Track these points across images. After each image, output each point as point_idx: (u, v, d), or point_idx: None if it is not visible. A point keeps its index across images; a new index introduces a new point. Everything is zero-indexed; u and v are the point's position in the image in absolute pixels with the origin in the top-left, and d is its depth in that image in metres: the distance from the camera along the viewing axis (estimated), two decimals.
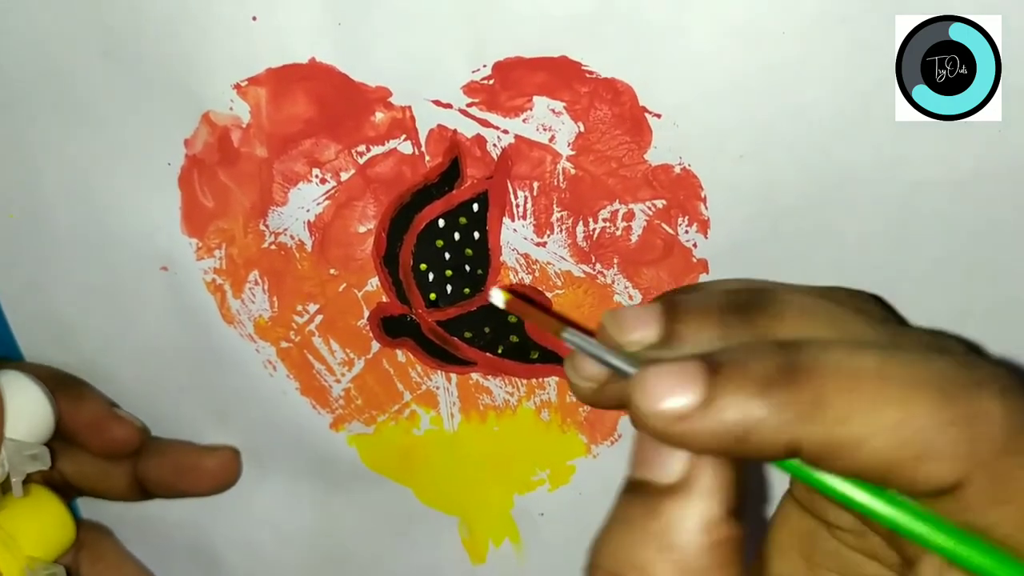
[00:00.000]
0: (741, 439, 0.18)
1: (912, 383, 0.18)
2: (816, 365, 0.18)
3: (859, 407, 0.18)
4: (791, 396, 0.18)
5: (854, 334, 0.20)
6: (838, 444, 0.18)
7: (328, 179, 0.29)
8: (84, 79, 0.30)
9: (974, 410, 0.18)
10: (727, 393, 0.18)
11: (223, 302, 0.32)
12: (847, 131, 0.26)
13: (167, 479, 0.34)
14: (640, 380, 0.19)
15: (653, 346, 0.21)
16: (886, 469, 0.18)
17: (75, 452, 0.34)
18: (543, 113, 0.27)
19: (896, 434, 0.18)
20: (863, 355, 0.18)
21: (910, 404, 0.18)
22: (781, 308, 0.20)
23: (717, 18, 0.25)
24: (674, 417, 0.18)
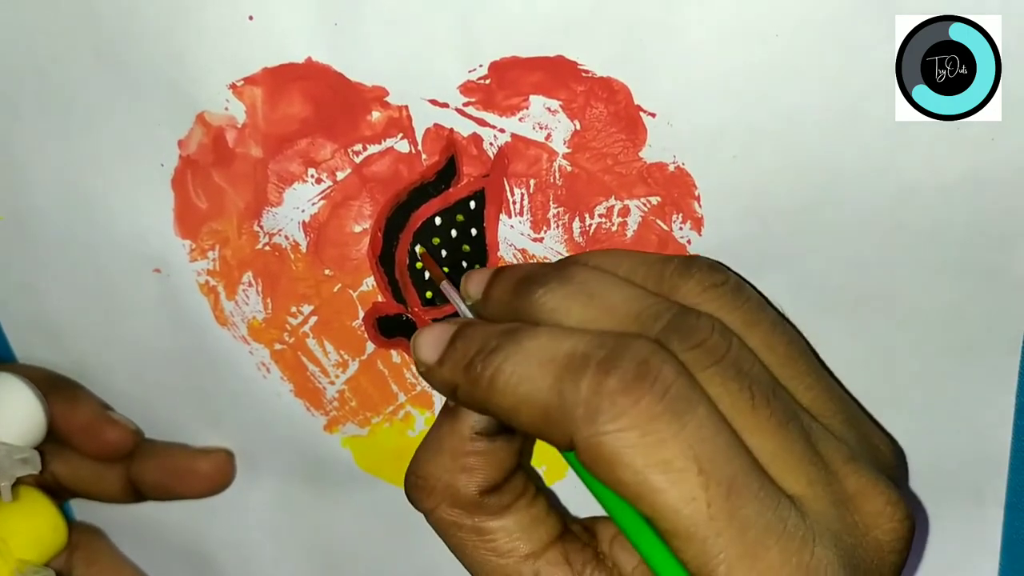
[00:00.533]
0: (452, 394, 0.25)
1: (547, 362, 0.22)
2: (502, 348, 0.23)
3: (512, 384, 0.23)
4: (478, 375, 0.23)
5: (596, 312, 0.24)
6: (503, 411, 0.23)
7: (324, 179, 0.29)
8: (76, 79, 0.29)
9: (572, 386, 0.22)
10: (447, 360, 0.25)
11: (216, 304, 0.32)
12: (846, 131, 0.26)
13: (161, 481, 0.34)
14: (414, 335, 0.26)
15: (477, 302, 0.27)
16: (534, 430, 0.23)
17: (68, 454, 0.34)
18: (539, 112, 0.27)
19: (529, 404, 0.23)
20: (537, 338, 0.23)
21: (536, 382, 0.22)
22: (556, 284, 0.25)
23: (712, 18, 0.25)
24: (423, 366, 0.25)
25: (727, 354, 0.23)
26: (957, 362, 0.29)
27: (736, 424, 0.22)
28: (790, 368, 0.24)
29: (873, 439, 0.25)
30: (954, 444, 0.30)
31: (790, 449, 0.22)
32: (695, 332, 0.23)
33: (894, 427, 0.29)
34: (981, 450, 0.30)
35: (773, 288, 0.28)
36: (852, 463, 0.23)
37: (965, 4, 0.24)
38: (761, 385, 0.23)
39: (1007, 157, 0.26)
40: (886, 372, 0.30)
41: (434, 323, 0.26)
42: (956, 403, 0.30)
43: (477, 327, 0.25)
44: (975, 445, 0.30)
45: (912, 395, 0.30)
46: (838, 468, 0.23)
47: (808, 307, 0.29)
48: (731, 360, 0.23)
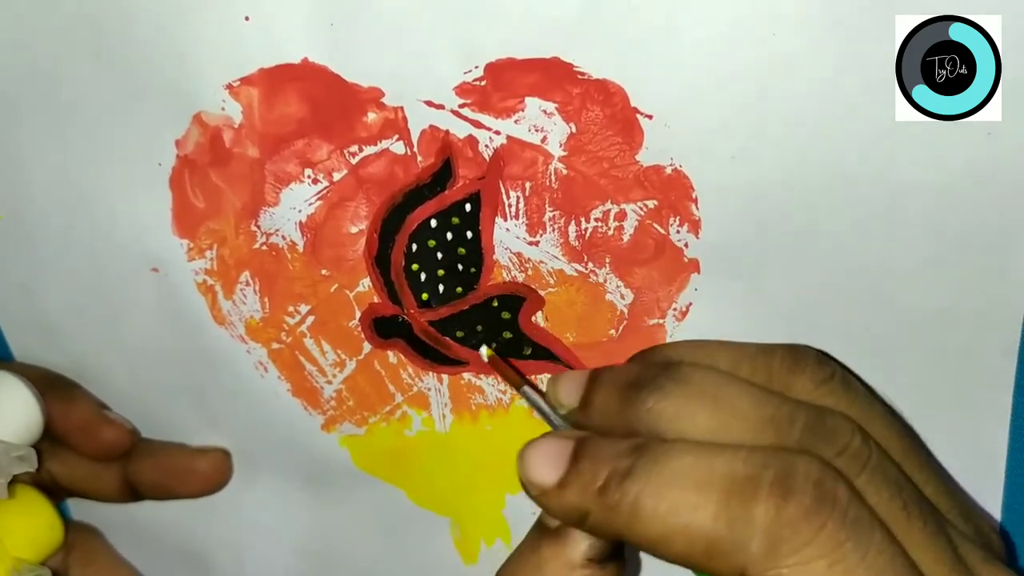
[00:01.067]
0: (580, 521, 0.22)
1: (704, 486, 0.21)
2: (641, 470, 0.21)
3: (662, 513, 0.21)
4: (617, 502, 0.21)
5: (726, 417, 0.22)
6: (651, 542, 0.21)
7: (320, 179, 0.29)
8: (74, 79, 0.30)
9: (744, 513, 0.20)
10: (573, 483, 0.22)
11: (214, 303, 0.32)
12: (845, 132, 0.26)
13: (158, 481, 0.34)
14: (522, 450, 0.23)
15: (574, 411, 0.25)
16: (688, 561, 0.21)
17: (65, 453, 0.34)
18: (535, 114, 0.27)
19: (686, 535, 0.20)
20: (682, 457, 0.21)
21: (696, 510, 0.20)
22: (671, 387, 0.23)
23: (709, 18, 0.25)
24: (537, 489, 0.23)
25: (870, 458, 0.22)
26: (954, 363, 0.29)
27: (898, 538, 0.21)
28: (908, 463, 0.23)
29: (984, 529, 0.24)
30: (951, 445, 0.30)
31: (944, 561, 0.21)
32: (838, 436, 0.22)
33: None
34: (978, 451, 0.30)
35: (771, 290, 0.28)
36: (989, 565, 0.22)
37: (965, 4, 0.24)
38: (908, 491, 0.22)
39: (1007, 157, 0.26)
40: (883, 372, 0.29)
41: (542, 438, 0.24)
42: (953, 404, 0.30)
43: (602, 444, 0.22)
44: (972, 446, 0.30)
45: (909, 395, 0.30)
46: (980, 572, 0.22)
47: (806, 308, 0.29)
48: (876, 465, 0.22)
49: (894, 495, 0.21)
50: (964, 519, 0.23)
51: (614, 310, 0.29)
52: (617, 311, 0.29)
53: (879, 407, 0.24)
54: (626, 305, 0.29)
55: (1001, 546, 0.25)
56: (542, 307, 0.30)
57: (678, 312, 0.29)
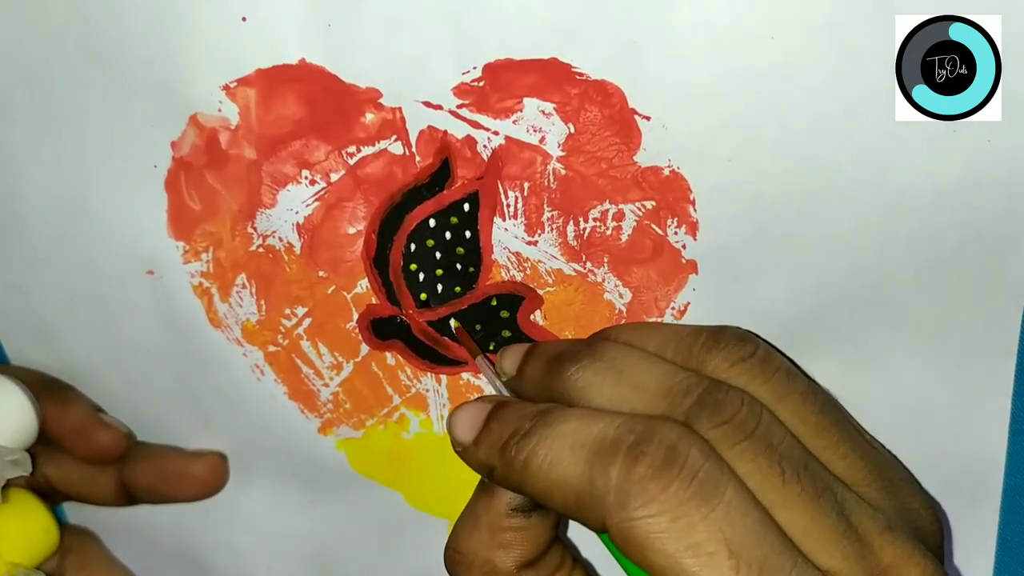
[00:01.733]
0: (490, 475, 0.25)
1: (578, 447, 0.23)
2: (536, 431, 0.24)
3: (544, 469, 0.23)
4: (512, 458, 0.24)
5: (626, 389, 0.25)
6: (538, 494, 0.24)
7: (318, 180, 0.29)
8: (68, 80, 0.29)
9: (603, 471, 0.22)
10: (483, 442, 0.25)
11: (210, 306, 0.32)
12: (845, 132, 0.26)
13: (153, 485, 0.34)
14: (449, 414, 0.27)
15: (512, 379, 0.28)
16: (567, 512, 0.23)
17: (60, 457, 0.34)
18: (533, 114, 0.27)
19: (561, 489, 0.23)
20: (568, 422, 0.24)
21: (568, 467, 0.23)
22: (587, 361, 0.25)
23: (708, 20, 0.25)
24: (459, 446, 0.26)
25: (756, 429, 0.23)
26: (953, 365, 0.29)
27: (766, 501, 0.22)
28: (822, 438, 0.25)
29: (912, 504, 0.25)
30: (950, 447, 0.30)
31: (822, 523, 0.22)
32: (723, 408, 0.23)
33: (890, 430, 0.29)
34: (977, 453, 0.30)
35: (769, 291, 0.28)
36: (888, 533, 0.23)
37: (965, 4, 0.24)
38: (791, 459, 0.23)
39: (1006, 158, 0.26)
40: (882, 375, 0.30)
41: (469, 402, 0.27)
42: (952, 406, 0.30)
43: (511, 408, 0.25)
44: (971, 448, 0.30)
45: (908, 398, 0.30)
46: (873, 539, 0.23)
47: (804, 311, 0.29)
48: (760, 435, 0.23)
49: (772, 462, 0.23)
50: (884, 493, 0.25)
51: (612, 309, 0.29)
52: (615, 310, 0.29)
53: (800, 386, 0.25)
54: (624, 304, 0.29)
55: (933, 526, 0.25)
56: (541, 306, 0.30)
57: (676, 311, 0.29)
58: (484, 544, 0.26)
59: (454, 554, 0.27)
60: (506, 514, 0.26)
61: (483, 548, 0.26)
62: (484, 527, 0.26)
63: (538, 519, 0.26)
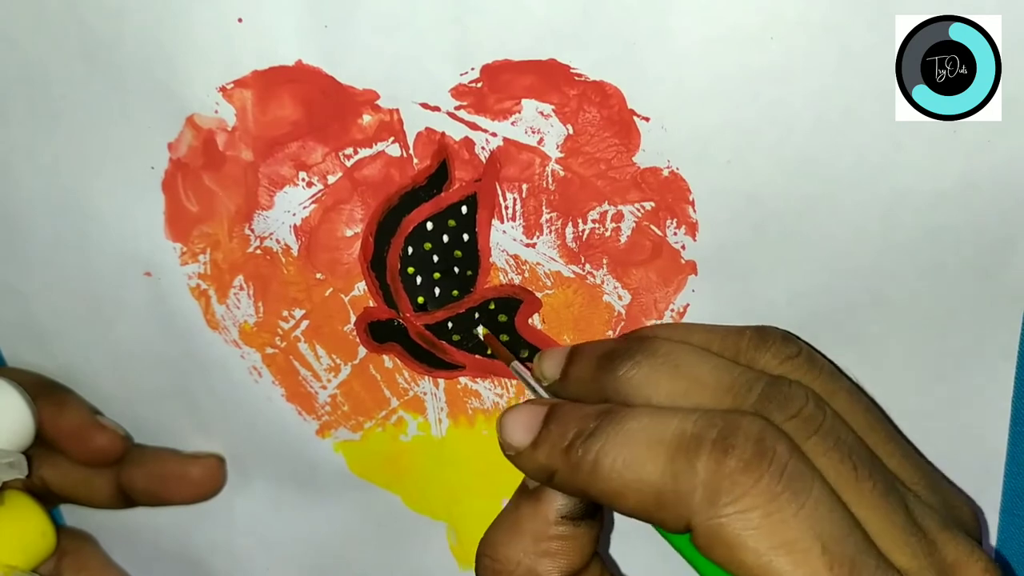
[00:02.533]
0: (549, 478, 0.24)
1: (655, 444, 0.22)
2: (603, 430, 0.23)
3: (618, 468, 0.22)
4: (579, 459, 0.23)
5: (687, 384, 0.24)
6: (608, 496, 0.23)
7: (315, 182, 0.29)
8: (65, 82, 0.29)
9: (687, 467, 0.22)
10: (542, 444, 0.24)
11: (208, 308, 0.32)
12: (845, 133, 0.26)
13: (151, 487, 0.34)
14: (500, 416, 0.25)
15: (555, 383, 0.27)
16: (642, 514, 0.22)
17: (57, 459, 0.34)
18: (532, 116, 0.27)
19: (638, 489, 0.22)
20: (639, 419, 0.23)
21: (646, 465, 0.22)
22: (641, 357, 0.25)
23: (707, 20, 0.25)
24: (512, 450, 0.25)
25: (823, 423, 0.23)
26: (953, 366, 0.29)
27: (844, 497, 0.22)
28: (872, 435, 0.24)
29: (955, 502, 0.25)
30: (949, 449, 0.30)
31: (894, 521, 0.22)
32: (791, 401, 0.23)
33: None
34: (976, 455, 0.30)
35: (769, 292, 0.28)
36: (947, 531, 0.23)
37: (965, 4, 0.24)
38: (861, 455, 0.23)
39: (1007, 158, 0.26)
40: (882, 376, 0.29)
41: (520, 405, 0.26)
42: (951, 408, 0.30)
43: (570, 408, 0.25)
44: (970, 450, 0.30)
45: (907, 399, 0.30)
46: (935, 537, 0.23)
47: (803, 311, 0.29)
48: (828, 429, 0.23)
49: (844, 457, 0.22)
50: (931, 491, 0.24)
51: (611, 311, 0.29)
52: (615, 312, 0.29)
53: (845, 383, 0.25)
54: (624, 306, 0.29)
55: (974, 522, 0.25)
56: (539, 309, 0.30)
57: (676, 313, 0.29)
58: (527, 552, 0.25)
59: (491, 562, 0.25)
60: (555, 521, 0.25)
61: (526, 556, 0.25)
62: (528, 534, 0.25)
63: (585, 528, 0.25)
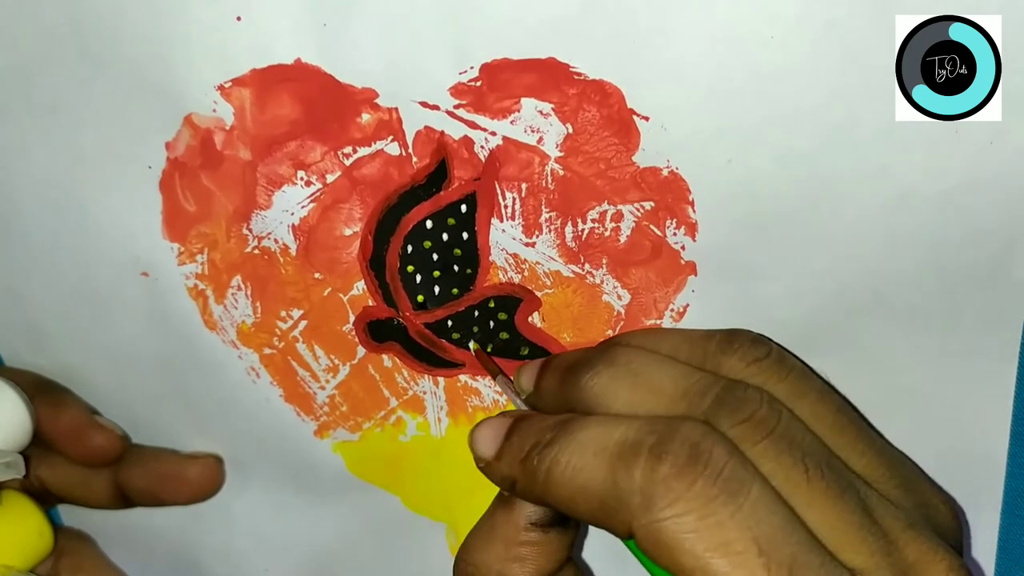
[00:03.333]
0: (512, 488, 0.25)
1: (599, 452, 0.23)
2: (557, 440, 0.24)
3: (567, 476, 0.23)
4: (534, 468, 0.24)
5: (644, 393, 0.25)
6: (562, 502, 0.24)
7: (313, 181, 0.29)
8: (62, 80, 0.29)
9: (626, 474, 0.22)
10: (505, 455, 0.25)
11: (205, 308, 0.32)
12: (845, 133, 0.26)
13: (149, 488, 0.34)
14: (471, 430, 0.26)
15: (530, 395, 0.28)
16: (593, 520, 0.23)
17: (55, 459, 0.34)
18: (531, 115, 0.27)
19: (585, 496, 0.23)
20: (589, 429, 0.23)
21: (591, 472, 0.23)
22: (602, 367, 0.25)
23: (707, 19, 0.25)
24: (481, 461, 0.26)
25: (777, 426, 0.23)
26: (954, 367, 0.29)
27: (792, 499, 0.22)
28: (840, 436, 0.24)
29: (932, 501, 0.25)
30: (951, 449, 0.30)
31: (848, 521, 0.22)
32: (744, 406, 0.23)
33: (890, 432, 0.29)
34: (978, 455, 0.30)
35: (769, 292, 0.28)
36: (911, 530, 0.23)
37: (965, 4, 0.24)
38: (814, 456, 0.23)
39: (1007, 158, 0.26)
40: (882, 377, 0.29)
41: (490, 418, 0.27)
42: (953, 408, 0.30)
43: (532, 420, 0.25)
44: (972, 450, 0.30)
45: (909, 400, 0.30)
46: (897, 537, 0.23)
47: (804, 312, 0.29)
48: (782, 432, 0.23)
49: (796, 460, 0.23)
50: (904, 491, 0.24)
51: (611, 311, 0.29)
52: (614, 312, 0.29)
53: (815, 384, 0.25)
54: (623, 306, 0.29)
55: (952, 522, 0.25)
56: (539, 308, 0.30)
57: (675, 313, 0.29)
58: (499, 557, 0.26)
59: (467, 566, 0.26)
60: (524, 528, 0.26)
61: (497, 562, 0.26)
62: (500, 540, 0.26)
63: (555, 535, 0.26)
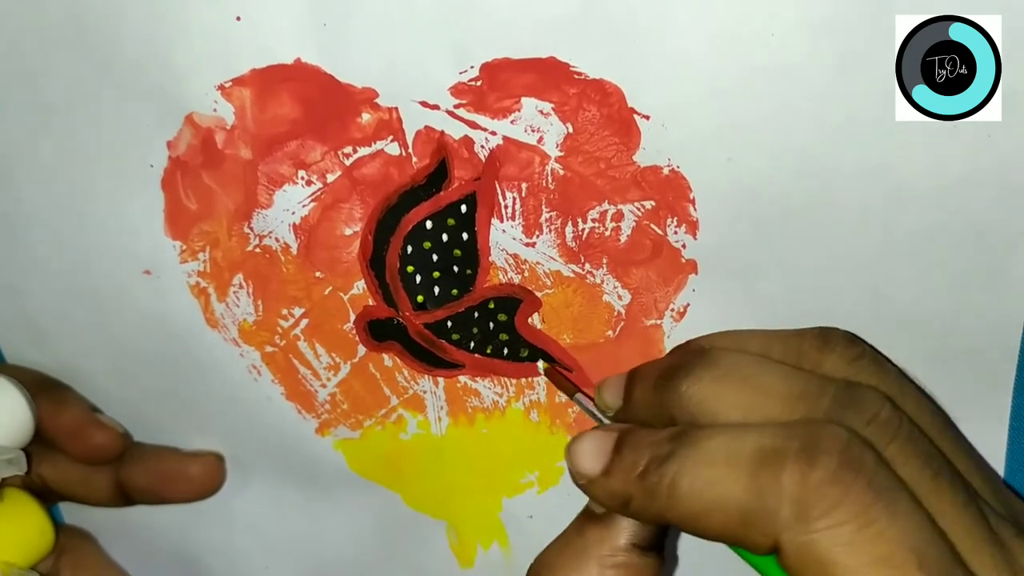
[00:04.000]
0: (624, 506, 0.23)
1: (735, 461, 0.21)
2: (678, 453, 0.22)
3: (697, 489, 0.21)
4: (656, 484, 0.22)
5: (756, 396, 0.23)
6: (690, 519, 0.22)
7: (314, 181, 0.29)
8: (63, 80, 0.29)
9: (772, 482, 0.20)
10: (615, 471, 0.23)
11: (207, 306, 0.32)
12: (845, 132, 0.26)
13: (150, 485, 0.34)
14: (569, 445, 0.25)
15: (619, 410, 0.26)
16: (727, 535, 0.21)
17: (56, 457, 0.34)
18: (531, 114, 0.27)
19: (721, 509, 0.21)
20: (715, 438, 0.22)
21: (728, 484, 0.21)
22: (701, 371, 0.24)
23: (707, 19, 0.25)
24: (583, 478, 0.24)
25: (900, 428, 0.22)
26: (953, 365, 0.29)
27: (927, 507, 0.21)
28: (940, 439, 0.23)
29: (1016, 506, 0.24)
30: None
31: (973, 531, 0.21)
32: (867, 406, 0.22)
33: None
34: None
35: (769, 291, 0.28)
36: (1020, 539, 0.22)
37: (965, 4, 0.24)
38: (938, 461, 0.22)
39: (1007, 157, 0.26)
40: None
41: (588, 432, 0.25)
42: (952, 405, 0.30)
43: (642, 433, 0.24)
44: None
45: None
46: (1011, 546, 0.22)
47: (804, 310, 0.28)
48: (906, 435, 0.22)
49: (925, 464, 0.21)
50: (995, 497, 0.23)
51: (611, 311, 0.29)
52: (614, 312, 0.29)
53: (911, 386, 0.24)
54: (624, 306, 0.29)
55: None
56: (539, 309, 0.30)
57: (676, 313, 0.29)
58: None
59: None
60: (624, 548, 0.24)
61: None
62: (594, 560, 0.24)
63: (651, 559, 0.25)
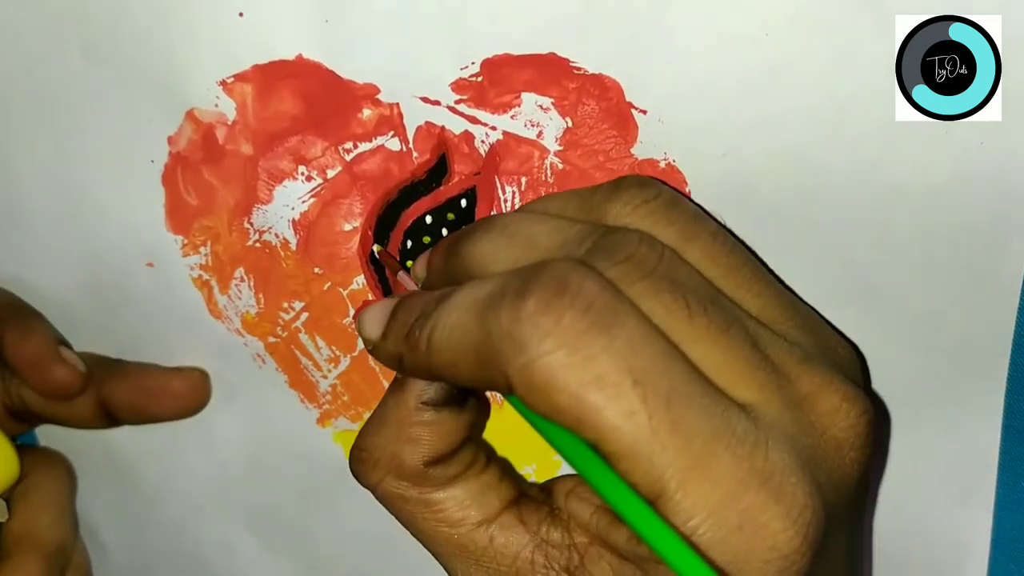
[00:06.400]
0: (399, 365, 0.24)
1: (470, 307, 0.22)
2: (435, 311, 0.23)
3: (445, 339, 0.22)
4: (417, 339, 0.23)
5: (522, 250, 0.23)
6: (445, 369, 0.23)
7: (314, 176, 0.29)
8: (66, 75, 0.29)
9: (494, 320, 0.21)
10: (390, 333, 0.24)
11: (210, 297, 0.32)
12: (844, 131, 0.26)
13: (134, 402, 0.33)
14: (359, 313, 0.26)
15: (424, 281, 0.27)
16: (476, 382, 0.22)
17: None
18: (531, 109, 0.27)
19: (463, 354, 0.22)
20: (463, 291, 0.22)
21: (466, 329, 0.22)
22: (480, 233, 0.24)
23: (705, 15, 0.25)
24: (369, 344, 0.25)
25: (657, 266, 0.22)
26: (946, 363, 0.29)
27: (674, 336, 0.21)
28: (735, 278, 0.23)
29: (830, 342, 0.24)
30: (943, 445, 0.30)
31: (735, 355, 0.21)
32: (620, 247, 0.22)
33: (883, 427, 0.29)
34: (970, 451, 0.30)
35: None
36: (805, 364, 0.22)
37: (965, 4, 0.24)
38: (697, 294, 0.22)
39: (1007, 157, 0.26)
40: (875, 372, 0.29)
41: (376, 302, 0.26)
42: (945, 404, 0.30)
43: (415, 296, 0.24)
44: (964, 446, 0.30)
45: (900, 395, 0.30)
46: (790, 370, 0.22)
47: None
48: (662, 272, 0.22)
49: (677, 297, 0.22)
50: (802, 331, 0.24)
51: None
52: None
53: (709, 226, 0.24)
54: None
55: (853, 365, 0.25)
56: None
57: None
58: (391, 439, 0.25)
59: (359, 452, 0.26)
60: (415, 408, 0.25)
61: (389, 444, 0.25)
62: (392, 423, 0.25)
63: (449, 415, 0.25)
